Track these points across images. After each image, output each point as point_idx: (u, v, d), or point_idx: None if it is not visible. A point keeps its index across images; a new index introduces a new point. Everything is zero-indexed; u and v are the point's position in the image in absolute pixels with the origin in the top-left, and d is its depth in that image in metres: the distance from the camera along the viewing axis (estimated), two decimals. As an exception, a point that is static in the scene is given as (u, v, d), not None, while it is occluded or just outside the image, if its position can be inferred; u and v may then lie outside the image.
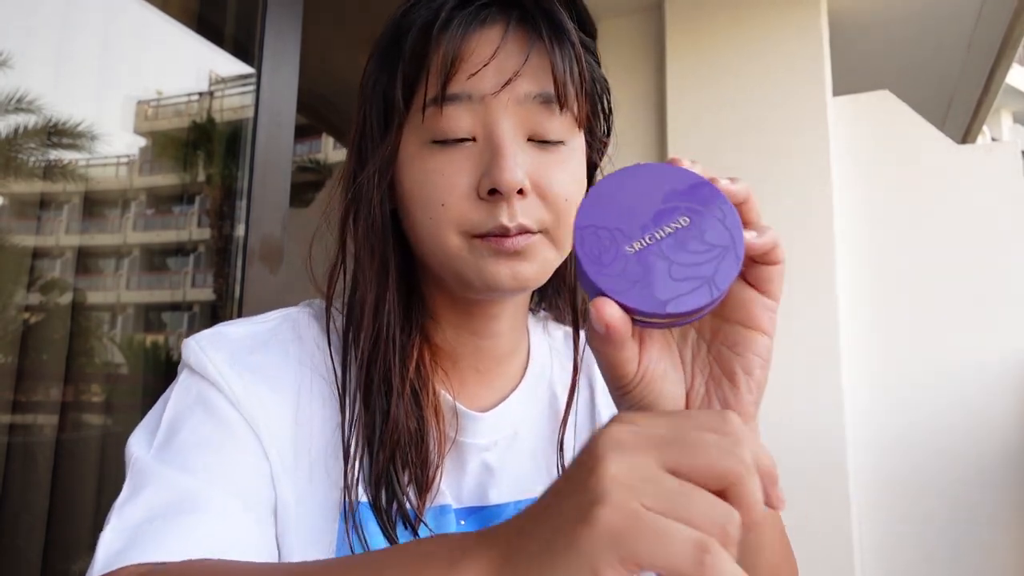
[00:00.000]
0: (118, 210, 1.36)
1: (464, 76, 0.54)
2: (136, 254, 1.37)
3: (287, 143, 1.42)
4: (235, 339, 0.57)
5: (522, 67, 0.54)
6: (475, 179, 0.54)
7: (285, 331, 0.60)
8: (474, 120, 0.54)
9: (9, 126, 1.11)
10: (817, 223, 2.17)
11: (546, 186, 0.55)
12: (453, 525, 0.57)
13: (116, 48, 1.28)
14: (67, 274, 1.22)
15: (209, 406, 0.53)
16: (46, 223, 1.21)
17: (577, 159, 0.59)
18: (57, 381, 1.18)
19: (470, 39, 0.54)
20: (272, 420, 0.54)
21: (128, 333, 1.39)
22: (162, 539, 0.45)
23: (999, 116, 12.82)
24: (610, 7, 2.58)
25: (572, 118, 0.57)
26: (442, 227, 0.55)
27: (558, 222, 0.56)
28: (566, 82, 0.55)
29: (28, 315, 1.16)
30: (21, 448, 1.11)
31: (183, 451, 0.51)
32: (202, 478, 0.49)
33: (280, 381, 0.57)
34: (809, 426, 2.12)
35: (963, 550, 2.03)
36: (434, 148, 0.55)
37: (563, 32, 0.56)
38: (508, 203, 0.53)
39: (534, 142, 0.56)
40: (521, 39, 0.55)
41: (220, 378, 0.54)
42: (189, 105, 1.46)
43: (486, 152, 0.54)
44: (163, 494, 0.48)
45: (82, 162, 1.25)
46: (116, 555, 0.45)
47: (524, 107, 0.55)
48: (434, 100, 0.54)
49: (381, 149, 0.58)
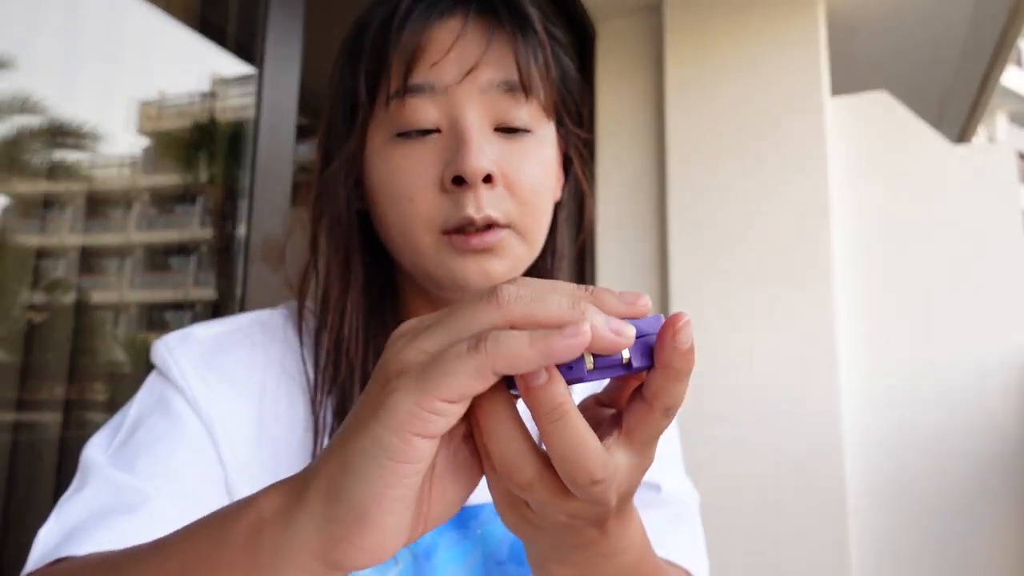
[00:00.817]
0: (121, 210, 1.37)
1: (426, 66, 0.54)
2: (139, 254, 1.38)
3: (289, 143, 1.43)
4: (202, 340, 0.57)
5: (483, 55, 0.54)
6: (441, 170, 0.54)
7: (255, 332, 0.60)
8: (438, 111, 0.54)
9: (14, 127, 1.12)
10: (814, 223, 2.18)
11: (513, 176, 0.54)
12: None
13: (119, 49, 1.28)
14: (71, 273, 1.23)
15: (167, 408, 0.54)
16: (50, 223, 1.21)
17: (547, 150, 0.58)
18: (61, 380, 1.19)
19: (430, 29, 0.54)
20: (232, 423, 0.54)
21: (131, 332, 1.39)
22: (95, 537, 0.45)
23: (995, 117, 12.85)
24: (609, 8, 2.59)
25: (539, 106, 0.57)
26: (412, 224, 0.54)
27: (525, 214, 0.55)
28: (530, 70, 0.55)
29: (32, 314, 1.17)
30: (26, 446, 1.12)
31: (134, 451, 0.51)
32: (145, 480, 0.49)
33: (244, 383, 0.56)
34: (806, 425, 2.13)
35: (960, 550, 2.04)
36: (399, 141, 0.55)
37: (525, 20, 0.56)
38: (475, 192, 0.52)
39: (500, 132, 0.55)
40: (482, 28, 0.55)
41: (182, 380, 0.54)
42: (191, 105, 1.46)
43: (451, 142, 0.53)
44: (104, 493, 0.48)
45: (86, 162, 1.25)
46: (50, 551, 0.45)
47: (488, 96, 0.54)
48: (397, 92, 0.54)
49: (347, 145, 0.57)
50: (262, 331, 0.61)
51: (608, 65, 2.62)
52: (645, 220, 2.49)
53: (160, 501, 0.49)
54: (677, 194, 2.36)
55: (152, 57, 1.36)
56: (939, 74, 2.98)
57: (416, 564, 0.56)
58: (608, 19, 2.64)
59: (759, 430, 2.14)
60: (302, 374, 0.58)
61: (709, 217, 2.30)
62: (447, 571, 0.57)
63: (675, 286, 2.31)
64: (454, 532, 0.59)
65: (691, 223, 2.33)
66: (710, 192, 2.32)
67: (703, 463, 2.11)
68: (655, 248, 2.46)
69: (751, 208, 2.25)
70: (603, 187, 2.54)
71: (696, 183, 2.35)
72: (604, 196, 2.53)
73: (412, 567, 0.56)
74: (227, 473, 0.53)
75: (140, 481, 0.49)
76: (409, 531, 0.32)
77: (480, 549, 0.59)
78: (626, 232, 2.50)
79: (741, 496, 2.13)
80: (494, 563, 0.59)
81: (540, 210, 0.57)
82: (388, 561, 0.55)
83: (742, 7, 2.38)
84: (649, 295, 0.32)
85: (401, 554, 0.56)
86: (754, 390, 2.14)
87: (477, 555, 0.59)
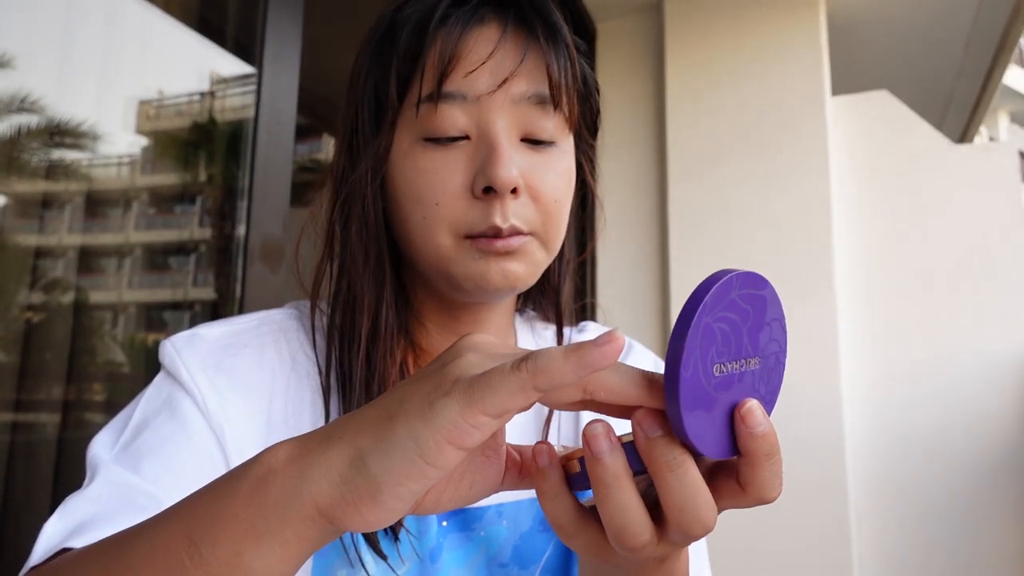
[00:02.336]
0: (120, 210, 1.37)
1: (460, 75, 0.54)
2: (138, 253, 1.38)
3: (288, 143, 1.43)
4: (210, 341, 0.57)
5: (518, 67, 0.54)
6: (469, 178, 0.54)
7: (263, 333, 0.60)
8: (468, 119, 0.54)
9: (12, 127, 1.12)
10: (815, 223, 2.18)
11: (538, 187, 0.55)
12: (435, 527, 0.57)
13: (118, 49, 1.28)
14: (69, 273, 1.23)
15: (175, 410, 0.54)
16: (48, 223, 1.21)
17: (568, 161, 0.59)
18: (59, 380, 1.18)
19: (467, 37, 0.54)
20: (241, 426, 0.54)
21: (130, 332, 1.39)
22: (100, 534, 0.45)
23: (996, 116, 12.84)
24: (609, 8, 2.59)
25: (564, 119, 0.57)
26: (435, 227, 0.55)
27: (547, 224, 0.56)
28: (560, 83, 0.56)
29: (31, 314, 1.17)
30: (24, 447, 1.11)
31: (140, 452, 0.51)
32: (150, 481, 0.49)
33: (253, 385, 0.56)
34: (807, 425, 2.12)
35: (961, 549, 2.04)
36: (427, 146, 0.55)
37: (558, 33, 0.56)
38: (502, 202, 0.53)
39: (527, 143, 0.56)
40: (518, 39, 0.55)
41: (191, 382, 0.54)
42: (190, 105, 1.46)
43: (481, 151, 0.54)
44: (110, 492, 0.48)
45: (84, 162, 1.25)
46: (55, 546, 0.45)
47: (519, 107, 0.55)
48: (429, 97, 0.54)
49: (374, 146, 0.57)
50: (270, 331, 0.60)
51: (608, 65, 2.62)
52: (645, 220, 2.48)
53: (167, 503, 0.48)
54: (677, 194, 2.36)
55: (151, 56, 1.36)
56: (941, 74, 2.98)
57: (421, 566, 0.56)
58: (608, 19, 2.64)
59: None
60: (314, 374, 0.58)
61: (709, 217, 2.30)
62: (451, 572, 0.57)
63: (675, 286, 2.31)
64: (458, 534, 0.59)
65: (691, 223, 2.33)
66: (710, 192, 2.32)
67: (704, 463, 2.11)
68: (655, 248, 2.46)
69: (752, 208, 2.25)
70: (603, 187, 2.53)
71: (696, 183, 2.34)
72: (604, 196, 2.52)
73: (417, 568, 0.56)
74: None
75: (147, 483, 0.49)
76: (403, 514, 0.34)
77: (484, 551, 0.59)
78: (626, 232, 2.50)
79: (742, 497, 2.12)
80: (497, 565, 0.59)
81: (561, 218, 0.58)
82: (394, 560, 0.55)
83: (742, 7, 2.37)
84: (649, 295, 0.33)
85: (406, 555, 0.56)
86: (755, 390, 2.14)
87: (481, 557, 0.59)
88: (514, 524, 0.60)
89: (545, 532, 0.61)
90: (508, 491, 0.39)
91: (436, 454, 0.31)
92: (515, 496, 0.61)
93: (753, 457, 0.33)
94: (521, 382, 0.30)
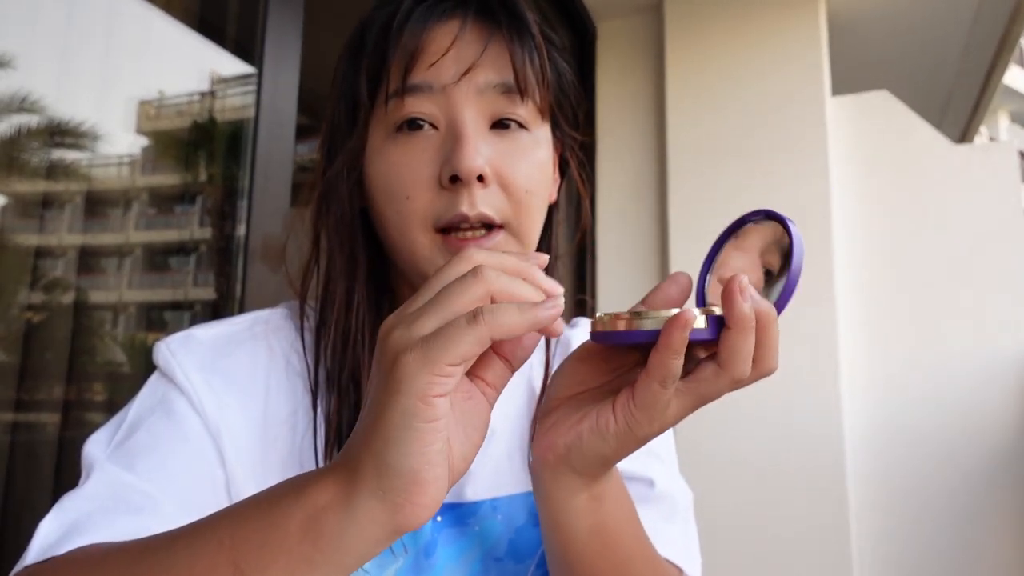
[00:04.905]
0: (120, 210, 1.37)
1: (424, 67, 0.55)
2: (138, 253, 1.38)
3: (288, 143, 1.43)
4: (205, 342, 0.58)
5: (480, 56, 0.55)
6: (437, 168, 0.55)
7: (256, 332, 0.61)
8: (436, 110, 0.55)
9: (12, 127, 1.12)
10: (815, 223, 2.18)
11: (508, 175, 0.56)
12: (429, 522, 0.58)
13: (118, 48, 1.28)
14: (69, 273, 1.23)
15: (170, 410, 0.54)
16: (48, 223, 1.21)
17: (541, 150, 0.59)
18: (59, 380, 1.18)
19: (430, 31, 0.56)
20: (237, 426, 0.55)
21: (130, 332, 1.39)
22: (100, 533, 0.46)
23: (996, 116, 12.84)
24: (609, 8, 2.59)
25: (535, 108, 0.58)
26: (409, 223, 0.55)
27: (520, 213, 0.56)
28: (526, 72, 0.56)
29: (31, 314, 1.17)
30: (24, 446, 1.11)
31: (135, 451, 0.51)
32: (145, 479, 0.50)
33: (248, 384, 0.57)
34: (807, 425, 2.13)
35: (960, 549, 2.04)
36: (398, 138, 0.56)
37: (522, 23, 0.57)
38: (469, 190, 0.54)
39: (497, 130, 0.56)
40: (480, 30, 0.56)
41: (187, 383, 0.55)
42: (191, 105, 1.46)
43: (448, 140, 0.55)
44: (105, 490, 0.49)
45: (84, 162, 1.25)
46: (51, 546, 0.46)
47: (485, 97, 0.56)
48: (396, 91, 0.55)
49: (349, 143, 0.59)
50: (264, 330, 0.61)
51: (608, 65, 2.62)
52: (645, 220, 2.48)
53: (162, 501, 0.49)
54: (677, 194, 2.36)
55: (151, 56, 1.36)
56: (941, 74, 2.98)
57: (416, 560, 0.57)
58: (608, 19, 2.64)
59: (760, 429, 2.13)
60: (304, 371, 0.59)
61: (709, 217, 2.30)
62: (446, 567, 0.58)
63: (676, 286, 2.30)
64: (452, 529, 0.59)
65: (691, 223, 2.33)
66: (710, 192, 2.32)
67: (704, 464, 2.11)
68: (655, 248, 2.46)
69: (752, 207, 2.24)
70: (603, 187, 2.54)
71: (696, 183, 2.34)
72: (604, 196, 2.53)
73: (412, 563, 0.57)
74: (230, 475, 0.54)
75: (141, 481, 0.50)
76: (448, 483, 0.37)
77: (478, 545, 0.60)
78: (626, 232, 2.50)
79: (743, 497, 2.13)
80: (492, 559, 0.60)
81: (534, 209, 0.58)
82: (388, 556, 0.55)
83: (742, 7, 2.37)
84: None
85: (400, 550, 0.56)
86: (754, 389, 2.14)
87: (475, 551, 0.60)
88: (508, 518, 0.61)
89: (539, 526, 0.62)
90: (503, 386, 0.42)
91: (430, 411, 0.34)
92: (509, 491, 0.62)
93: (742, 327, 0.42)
94: (479, 334, 0.34)
